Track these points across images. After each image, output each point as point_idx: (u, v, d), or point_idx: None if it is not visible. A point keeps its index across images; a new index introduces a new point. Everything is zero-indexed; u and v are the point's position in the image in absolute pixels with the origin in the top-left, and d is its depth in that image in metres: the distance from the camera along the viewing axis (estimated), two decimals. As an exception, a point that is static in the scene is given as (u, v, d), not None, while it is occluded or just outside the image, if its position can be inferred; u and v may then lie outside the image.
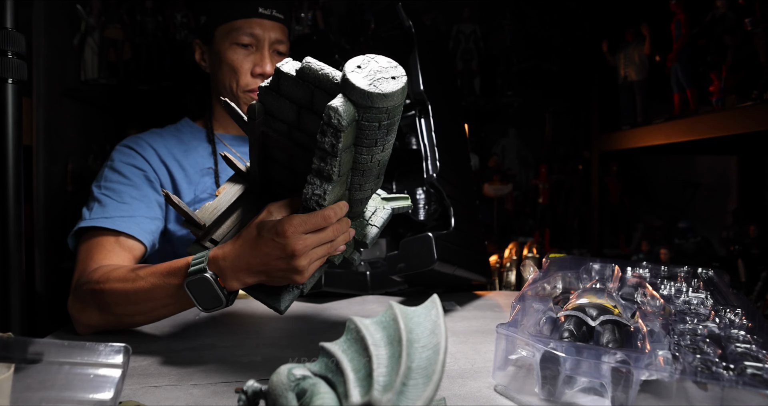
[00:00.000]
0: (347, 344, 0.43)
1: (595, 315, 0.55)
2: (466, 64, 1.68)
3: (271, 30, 1.02)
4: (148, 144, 0.99)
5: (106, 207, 0.87)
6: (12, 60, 0.58)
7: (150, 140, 1.01)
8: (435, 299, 0.45)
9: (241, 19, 1.01)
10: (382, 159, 0.60)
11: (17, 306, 0.59)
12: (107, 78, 1.52)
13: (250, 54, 1.02)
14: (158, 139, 1.02)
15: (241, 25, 1.01)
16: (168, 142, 1.02)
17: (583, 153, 1.82)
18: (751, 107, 1.06)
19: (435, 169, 0.89)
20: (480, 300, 0.98)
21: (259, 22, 1.01)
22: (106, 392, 0.44)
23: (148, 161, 0.97)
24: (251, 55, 1.02)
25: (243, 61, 1.01)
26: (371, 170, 0.61)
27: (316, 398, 0.39)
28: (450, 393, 0.54)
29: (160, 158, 0.99)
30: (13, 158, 0.59)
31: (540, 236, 1.74)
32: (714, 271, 0.80)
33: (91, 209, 0.87)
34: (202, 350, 0.68)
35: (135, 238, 0.86)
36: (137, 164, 0.96)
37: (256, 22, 1.01)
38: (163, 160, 0.99)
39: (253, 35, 1.01)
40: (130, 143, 0.99)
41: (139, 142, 0.99)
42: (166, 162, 0.99)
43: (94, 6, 1.49)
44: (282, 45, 1.04)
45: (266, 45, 1.02)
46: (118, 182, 0.92)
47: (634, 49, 1.48)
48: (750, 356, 0.51)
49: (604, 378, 0.48)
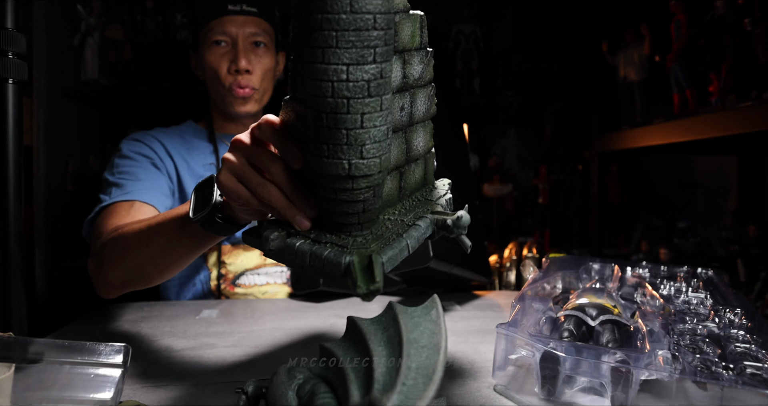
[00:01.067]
0: (347, 344, 0.44)
1: (594, 315, 0.56)
2: (466, 65, 1.68)
3: (244, 25, 1.03)
4: (154, 137, 1.05)
5: (123, 187, 0.92)
6: (12, 60, 0.58)
7: (156, 134, 1.06)
8: (435, 299, 0.45)
9: (214, 20, 1.03)
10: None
11: (17, 306, 0.59)
12: (107, 78, 1.52)
13: (226, 52, 1.03)
14: (164, 135, 1.06)
15: (215, 25, 1.03)
16: (173, 139, 1.07)
17: (582, 153, 1.82)
18: (750, 107, 1.06)
19: None
20: (480, 300, 0.98)
21: (230, 19, 1.02)
22: (106, 392, 0.44)
23: (155, 151, 1.02)
24: (227, 54, 1.03)
25: (221, 60, 1.03)
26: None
27: (316, 398, 0.39)
28: (450, 393, 0.54)
29: (166, 150, 1.04)
30: (14, 158, 0.59)
31: (540, 236, 1.74)
32: (713, 271, 0.80)
33: (110, 193, 0.92)
34: (202, 350, 0.69)
35: (149, 204, 0.90)
36: (145, 152, 1.01)
37: (227, 20, 1.02)
38: (169, 152, 1.04)
39: (226, 33, 1.02)
40: (137, 136, 1.05)
41: (145, 135, 1.05)
42: (171, 154, 1.04)
43: (94, 6, 1.50)
44: (260, 36, 1.04)
45: (240, 41, 1.02)
46: (129, 166, 0.97)
47: (634, 49, 1.48)
48: (749, 355, 0.51)
49: (603, 378, 0.49)
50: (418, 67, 0.49)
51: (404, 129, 0.50)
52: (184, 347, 0.70)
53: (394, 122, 0.48)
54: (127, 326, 0.80)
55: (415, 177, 0.54)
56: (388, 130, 0.43)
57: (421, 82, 0.50)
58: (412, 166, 0.53)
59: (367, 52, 0.39)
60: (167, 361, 0.64)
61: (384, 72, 0.41)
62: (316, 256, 0.44)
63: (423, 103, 0.51)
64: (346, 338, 0.44)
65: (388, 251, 0.44)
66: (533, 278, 0.71)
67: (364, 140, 0.42)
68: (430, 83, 0.52)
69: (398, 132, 0.49)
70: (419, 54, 0.49)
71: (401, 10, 0.46)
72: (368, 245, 0.44)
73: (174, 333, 0.76)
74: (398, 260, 0.45)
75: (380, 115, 0.42)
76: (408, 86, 0.49)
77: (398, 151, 0.49)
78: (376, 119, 0.42)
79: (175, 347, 0.69)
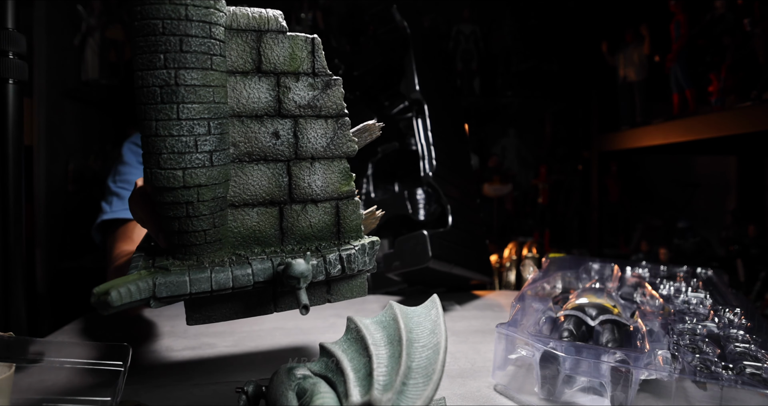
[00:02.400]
0: (347, 343, 0.44)
1: (594, 315, 0.56)
2: (466, 65, 1.68)
3: None
4: None
5: (125, 199, 0.95)
6: (13, 60, 0.58)
7: None
8: (435, 299, 0.45)
9: None
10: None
11: (18, 306, 0.59)
12: (108, 78, 1.52)
13: None
14: None
15: None
16: None
17: (582, 153, 1.82)
18: (750, 107, 1.06)
19: (431, 168, 0.91)
20: (480, 300, 0.98)
21: None
22: (106, 392, 0.44)
23: None
24: None
25: None
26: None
27: (317, 398, 0.39)
28: (450, 393, 0.54)
29: None
30: (14, 158, 0.59)
31: (539, 236, 1.74)
32: (713, 271, 0.80)
33: (111, 203, 0.96)
34: (202, 350, 0.69)
35: None
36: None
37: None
38: None
39: None
40: (137, 141, 1.06)
41: None
42: None
43: (95, 6, 1.50)
44: None
45: None
46: (130, 173, 1.00)
47: (634, 49, 1.49)
48: (749, 355, 0.51)
49: (603, 378, 0.49)
50: (304, 94, 0.46)
51: (287, 160, 0.46)
52: (184, 347, 0.70)
53: (260, 147, 0.45)
54: (127, 326, 0.80)
55: (309, 221, 0.48)
56: (198, 144, 0.41)
57: (315, 112, 0.47)
58: (306, 208, 0.48)
59: (154, 57, 0.39)
60: (167, 361, 0.64)
61: (180, 79, 0.40)
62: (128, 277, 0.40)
63: (319, 136, 0.47)
64: (346, 337, 0.44)
65: (171, 275, 0.40)
66: (533, 277, 0.71)
67: (161, 149, 0.40)
68: (337, 117, 0.48)
69: (273, 161, 0.46)
70: (307, 79, 0.46)
71: (273, 29, 0.45)
72: (168, 267, 0.41)
73: (174, 333, 0.76)
74: (181, 290, 0.40)
75: (177, 124, 0.40)
76: (286, 112, 0.46)
77: (270, 182, 0.46)
78: (172, 128, 0.40)
79: (175, 347, 0.69)
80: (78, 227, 1.50)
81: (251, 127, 0.45)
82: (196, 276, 0.40)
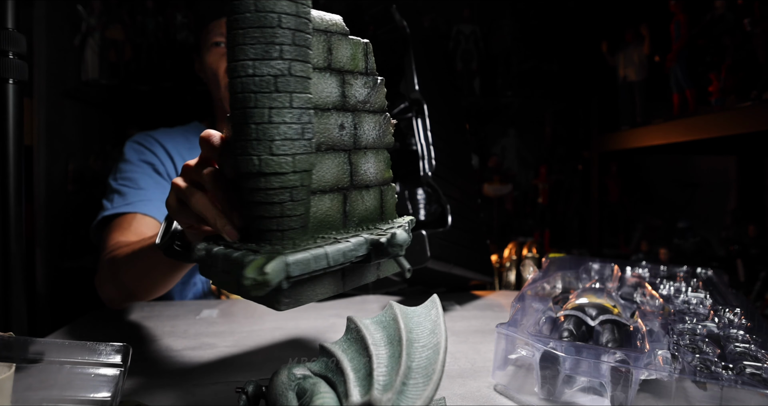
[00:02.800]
0: (347, 343, 0.44)
1: (594, 315, 0.56)
2: (466, 65, 1.68)
3: None
4: (155, 140, 1.06)
5: (126, 195, 0.95)
6: (13, 60, 0.58)
7: (158, 136, 1.07)
8: (435, 299, 0.45)
9: (213, 22, 1.05)
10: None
11: (18, 306, 0.59)
12: (108, 78, 1.53)
13: (225, 53, 1.04)
14: (166, 136, 1.08)
15: (214, 26, 1.04)
16: (175, 140, 1.08)
17: (582, 153, 1.82)
18: (750, 107, 1.06)
19: (431, 167, 0.91)
20: (480, 300, 0.98)
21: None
22: (106, 392, 0.44)
23: (156, 155, 1.04)
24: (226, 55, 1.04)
25: (220, 61, 1.04)
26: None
27: (316, 398, 0.39)
28: (450, 393, 0.54)
29: (167, 153, 1.05)
30: (14, 158, 0.59)
31: (539, 236, 1.74)
32: (713, 271, 0.80)
33: (112, 200, 0.95)
34: (202, 350, 0.69)
35: (150, 216, 0.93)
36: (147, 158, 1.03)
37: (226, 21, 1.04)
38: (170, 154, 1.05)
39: (224, 34, 1.03)
40: (139, 140, 1.06)
41: (147, 139, 1.06)
42: (172, 156, 1.05)
43: (95, 6, 1.50)
44: None
45: None
46: (131, 171, 1.00)
47: (634, 49, 1.49)
48: (749, 355, 0.51)
49: (603, 378, 0.49)
50: (362, 91, 0.51)
51: (348, 150, 0.50)
52: (184, 347, 0.70)
53: (330, 137, 0.48)
54: (127, 326, 0.80)
55: (365, 205, 0.52)
56: (304, 131, 0.44)
57: (368, 107, 0.51)
58: (362, 193, 0.51)
59: (271, 48, 0.41)
60: (167, 361, 0.64)
61: (293, 70, 0.42)
62: (227, 257, 0.42)
63: (372, 128, 0.52)
64: (346, 337, 0.44)
65: (299, 253, 0.40)
66: (533, 278, 0.71)
67: (273, 135, 0.42)
68: (382, 112, 0.53)
69: (339, 151, 0.49)
70: (363, 78, 0.51)
71: (338, 31, 0.49)
72: (281, 251, 0.41)
73: (174, 333, 0.76)
74: (311, 267, 0.41)
75: (290, 112, 0.42)
76: (349, 106, 0.50)
77: (338, 170, 0.49)
78: (285, 115, 0.42)
79: (175, 347, 0.69)
80: (78, 227, 1.50)
81: (324, 119, 0.48)
82: (317, 253, 0.41)
